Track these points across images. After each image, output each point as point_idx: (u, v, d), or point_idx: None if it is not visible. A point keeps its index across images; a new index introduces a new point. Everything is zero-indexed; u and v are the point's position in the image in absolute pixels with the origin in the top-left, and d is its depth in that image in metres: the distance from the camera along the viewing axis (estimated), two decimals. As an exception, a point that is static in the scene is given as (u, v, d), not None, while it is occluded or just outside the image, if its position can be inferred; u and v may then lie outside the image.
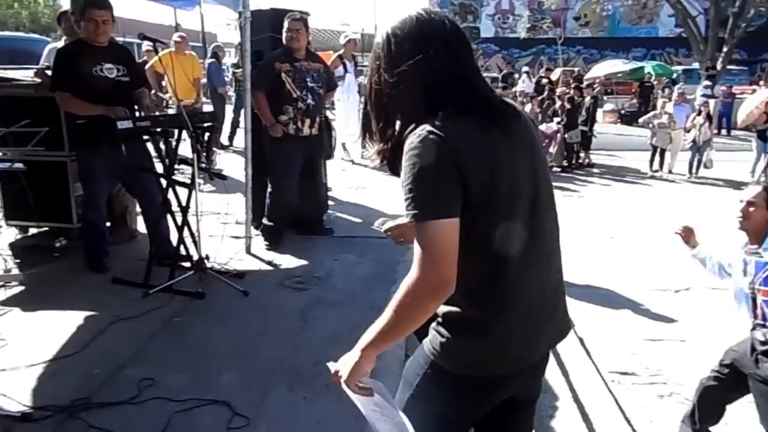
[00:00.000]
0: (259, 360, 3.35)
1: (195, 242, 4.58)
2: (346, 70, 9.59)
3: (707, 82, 18.59)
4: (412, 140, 1.45)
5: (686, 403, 3.90)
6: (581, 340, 4.77)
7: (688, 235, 3.33)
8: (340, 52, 9.70)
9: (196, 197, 4.46)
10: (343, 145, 10.25)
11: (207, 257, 4.60)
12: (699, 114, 11.74)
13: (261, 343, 3.52)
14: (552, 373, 3.88)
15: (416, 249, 1.43)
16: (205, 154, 4.31)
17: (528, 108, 12.44)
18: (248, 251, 5.29)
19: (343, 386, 1.57)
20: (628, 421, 3.62)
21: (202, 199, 6.50)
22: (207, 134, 4.55)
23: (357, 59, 10.51)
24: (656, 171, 12.17)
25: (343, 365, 1.57)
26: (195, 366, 3.31)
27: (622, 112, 20.01)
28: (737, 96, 17.78)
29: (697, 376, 4.19)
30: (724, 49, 21.51)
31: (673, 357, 4.52)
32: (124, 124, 4.08)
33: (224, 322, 3.88)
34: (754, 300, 2.94)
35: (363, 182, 9.00)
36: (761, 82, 21.44)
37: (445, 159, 1.42)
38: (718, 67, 21.14)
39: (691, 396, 3.98)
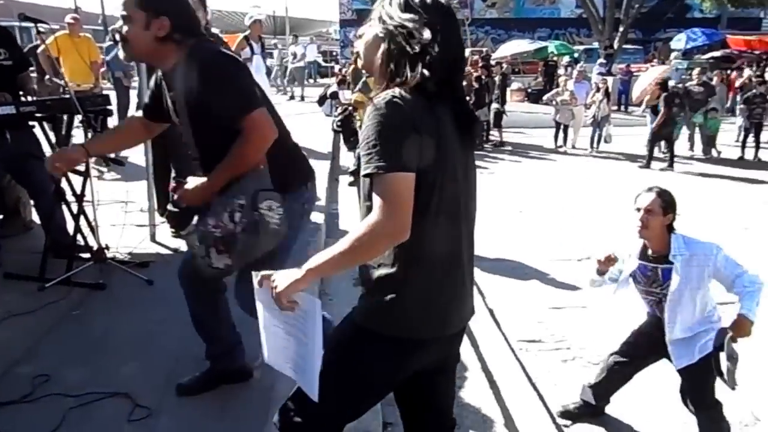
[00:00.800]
0: (163, 349, 3.22)
1: (93, 232, 4.34)
2: (253, 52, 9.32)
3: (602, 60, 19.40)
4: (378, 102, 1.55)
5: (589, 366, 4.07)
6: (491, 312, 4.89)
7: (606, 266, 3.10)
8: (246, 33, 9.42)
9: (92, 185, 4.21)
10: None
11: (107, 247, 4.37)
12: (598, 91, 12.23)
13: (165, 331, 3.38)
14: (462, 345, 3.94)
15: (376, 200, 1.52)
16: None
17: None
18: (153, 239, 5.06)
19: (263, 294, 1.68)
20: (534, 386, 3.74)
21: (105, 187, 6.18)
22: (101, 118, 4.29)
23: (264, 41, 10.20)
24: (560, 146, 12.63)
25: (282, 278, 1.62)
26: (94, 359, 3.14)
27: (529, 90, 20.57)
28: (634, 74, 18.64)
29: (597, 340, 4.40)
30: (620, 29, 22.47)
31: (576, 323, 4.70)
32: (5, 110, 3.78)
33: (126, 313, 3.70)
34: (658, 303, 3.02)
35: (276, 165, 8.84)
36: (654, 60, 22.57)
37: (407, 121, 1.53)
38: (615, 46, 22.08)
39: (593, 359, 4.16)
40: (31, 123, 4.28)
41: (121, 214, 5.40)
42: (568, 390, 3.74)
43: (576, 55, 22.73)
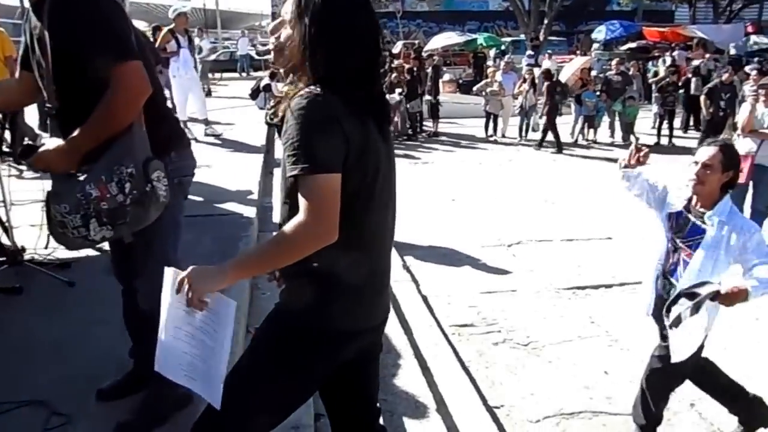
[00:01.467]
0: (85, 352, 3.05)
1: (7, 232, 4.08)
2: (179, 45, 9.02)
3: (530, 52, 19.82)
4: (300, 101, 1.50)
5: (518, 348, 4.14)
6: (425, 298, 4.90)
7: (635, 160, 2.90)
8: (171, 26, 9.11)
9: (1, 184, 3.96)
10: (185, 123, 9.70)
11: (23, 249, 4.12)
12: (524, 81, 12.46)
13: (88, 334, 3.21)
14: (395, 333, 3.93)
15: (302, 201, 1.48)
16: (11, 136, 3.81)
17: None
18: (76, 238, 4.83)
19: (171, 289, 1.57)
20: (466, 370, 3.76)
21: (24, 186, 5.84)
22: (9, 115, 4.02)
23: (191, 34, 9.89)
24: (491, 136, 12.81)
25: (199, 274, 1.52)
26: (10, 367, 2.94)
27: (460, 81, 20.79)
28: (558, 64, 19.09)
29: (526, 322, 4.48)
30: (545, 22, 23.00)
31: (506, 306, 4.77)
32: None
33: (46, 316, 3.49)
34: (674, 252, 2.80)
35: (207, 160, 8.59)
36: (578, 52, 23.22)
37: (331, 119, 1.49)
38: (541, 38, 22.59)
39: (522, 341, 4.24)
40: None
41: (40, 214, 5.12)
42: (499, 372, 3.79)
43: (503, 47, 23.13)
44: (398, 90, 12.45)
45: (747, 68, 12.55)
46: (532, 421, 3.30)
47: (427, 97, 12.92)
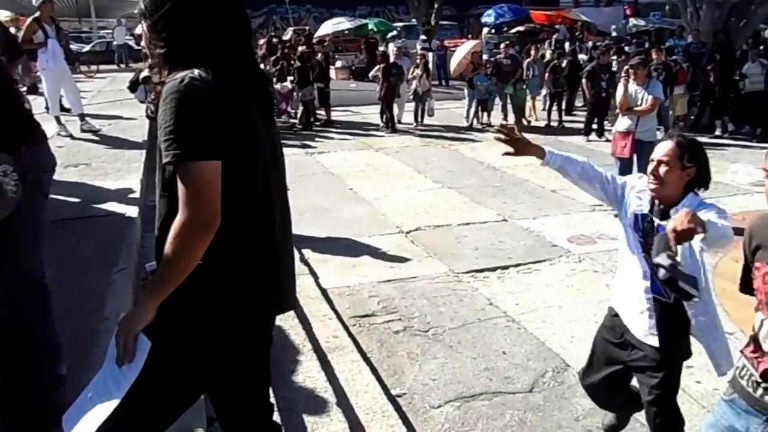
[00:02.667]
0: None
1: None
2: (47, 35, 8.44)
3: (423, 37, 20.16)
4: (174, 84, 1.47)
5: (418, 335, 4.22)
6: (324, 291, 4.89)
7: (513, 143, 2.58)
8: (36, 15, 8.50)
9: None
10: (57, 118, 9.11)
11: None
12: (417, 67, 12.66)
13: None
14: (293, 329, 3.90)
15: (181, 190, 1.45)
16: None
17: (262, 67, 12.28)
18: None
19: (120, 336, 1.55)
20: (368, 360, 3.80)
21: None
22: None
23: (59, 22, 9.27)
24: (388, 121, 12.91)
25: (129, 323, 1.55)
26: None
27: (353, 68, 20.83)
28: (450, 49, 19.55)
29: (426, 308, 4.58)
30: (435, 6, 23.42)
31: (406, 294, 4.85)
32: None
33: None
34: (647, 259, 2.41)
35: (85, 158, 8.12)
36: (469, 35, 23.86)
37: (208, 104, 1.46)
38: (432, 23, 23.00)
39: (422, 327, 4.33)
40: None
41: None
42: (400, 361, 3.86)
43: (395, 32, 23.38)
44: (290, 78, 12.30)
45: (627, 49, 13.42)
46: (434, 407, 3.38)
47: (318, 84, 12.84)
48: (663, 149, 2.37)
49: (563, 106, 13.02)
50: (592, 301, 4.61)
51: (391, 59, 13.03)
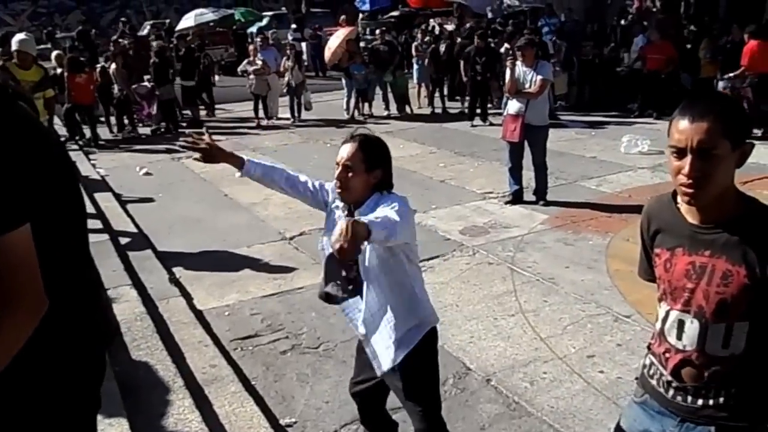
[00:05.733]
0: None
1: None
2: None
3: (294, 26, 19.90)
4: None
5: (309, 352, 4.01)
6: (199, 314, 4.57)
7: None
8: None
9: None
10: None
11: None
12: (288, 58, 12.37)
13: None
14: (160, 363, 3.57)
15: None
16: None
17: (113, 68, 11.56)
18: None
19: None
20: (251, 389, 3.55)
21: None
22: None
23: None
24: (262, 119, 12.55)
25: None
26: None
27: (223, 63, 20.18)
28: (325, 37, 19.35)
29: (315, 322, 4.38)
30: (306, -7, 23.26)
31: (293, 308, 4.63)
32: None
33: None
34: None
35: None
36: (343, 23, 23.74)
37: (27, 145, 1.33)
38: (303, 11, 22.77)
39: (312, 344, 4.13)
40: None
41: None
42: (289, 385, 3.65)
43: (264, 21, 22.89)
44: (147, 77, 11.67)
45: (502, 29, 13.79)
46: (330, 433, 3.20)
47: (179, 81, 12.25)
48: (347, 152, 2.33)
49: (445, 92, 13.19)
50: (489, 297, 4.60)
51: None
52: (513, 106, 6.63)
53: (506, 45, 11.32)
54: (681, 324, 1.67)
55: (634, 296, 4.27)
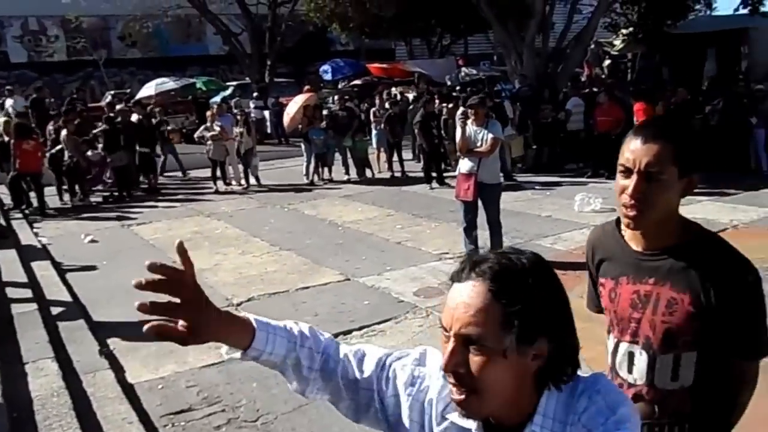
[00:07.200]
0: None
1: None
2: None
3: (256, 94, 20.01)
4: None
5: (246, 426, 3.69)
6: (129, 388, 4.21)
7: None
8: None
9: None
10: None
11: None
12: (237, 124, 12.33)
13: None
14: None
15: None
16: None
17: (63, 133, 11.29)
18: None
19: None
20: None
21: None
22: None
23: None
24: (225, 184, 12.35)
25: None
26: None
27: (184, 131, 20.11)
28: (284, 105, 19.45)
29: (255, 393, 4.05)
30: (269, 63, 23.43)
31: (231, 378, 4.29)
32: None
33: None
34: None
35: None
36: (305, 90, 23.96)
37: None
38: (267, 80, 22.93)
39: (250, 416, 3.80)
40: None
41: None
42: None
43: (229, 91, 23.00)
44: (100, 145, 11.44)
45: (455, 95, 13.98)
46: None
47: (139, 148, 12.03)
48: (464, 304, 1.12)
49: (403, 156, 13.19)
50: (441, 360, 4.32)
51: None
52: (465, 165, 6.51)
53: (461, 108, 11.42)
54: (631, 356, 1.59)
55: (588, 354, 4.03)
